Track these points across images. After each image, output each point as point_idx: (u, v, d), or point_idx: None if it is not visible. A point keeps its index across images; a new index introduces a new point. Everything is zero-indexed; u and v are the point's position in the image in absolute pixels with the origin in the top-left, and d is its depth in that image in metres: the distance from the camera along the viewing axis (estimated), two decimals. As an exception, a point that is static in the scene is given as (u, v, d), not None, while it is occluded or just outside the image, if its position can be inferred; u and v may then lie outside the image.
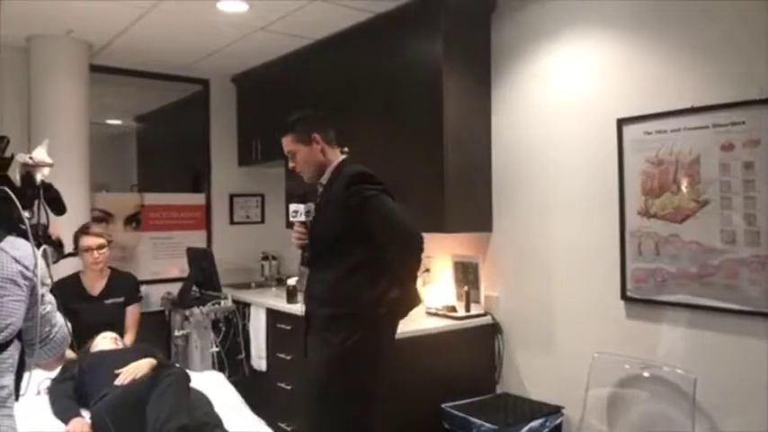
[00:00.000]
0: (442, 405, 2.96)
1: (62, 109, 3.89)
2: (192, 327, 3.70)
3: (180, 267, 4.50)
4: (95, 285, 3.54)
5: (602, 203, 2.80)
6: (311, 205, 2.47)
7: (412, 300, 2.40)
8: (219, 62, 4.44)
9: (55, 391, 2.69)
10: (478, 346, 3.25)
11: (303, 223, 2.46)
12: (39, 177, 1.50)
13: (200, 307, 3.64)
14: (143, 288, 4.38)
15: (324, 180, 2.48)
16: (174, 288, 4.09)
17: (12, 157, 1.42)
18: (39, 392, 2.81)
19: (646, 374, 2.61)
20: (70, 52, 3.94)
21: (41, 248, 1.43)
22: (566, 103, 2.98)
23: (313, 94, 4.04)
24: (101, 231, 3.53)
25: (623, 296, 2.71)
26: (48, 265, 1.48)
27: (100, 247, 3.47)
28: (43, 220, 1.50)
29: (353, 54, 3.70)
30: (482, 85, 3.31)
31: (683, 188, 2.50)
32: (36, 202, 1.48)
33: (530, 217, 3.14)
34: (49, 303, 1.47)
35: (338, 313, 2.33)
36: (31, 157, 1.50)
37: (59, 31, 3.79)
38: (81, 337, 2.85)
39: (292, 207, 2.48)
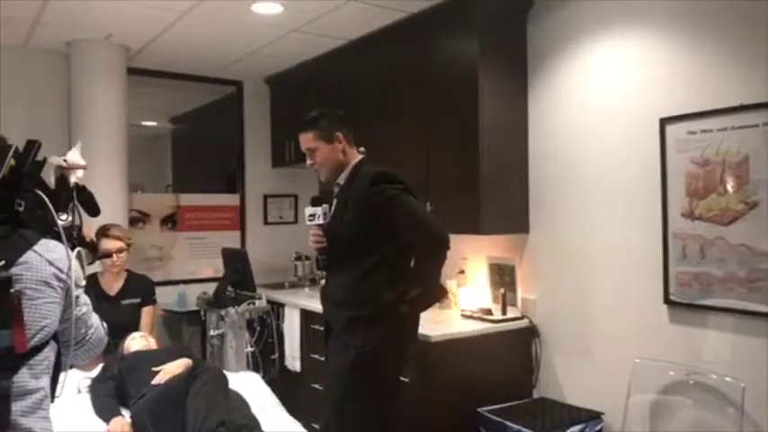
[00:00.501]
0: (479, 409, 2.92)
1: (101, 111, 3.96)
2: (228, 327, 3.72)
3: (215, 267, 4.55)
4: (113, 286, 3.59)
5: (644, 205, 2.73)
6: (326, 207, 2.44)
7: (435, 295, 2.39)
8: (253, 64, 4.48)
9: (96, 391, 2.74)
10: (515, 350, 3.20)
11: (320, 226, 2.42)
12: (73, 179, 1.51)
13: (236, 307, 3.66)
14: (178, 288, 4.46)
15: (341, 180, 2.45)
16: (210, 288, 4.12)
17: (44, 161, 1.42)
18: (80, 391, 2.86)
19: (691, 381, 2.53)
20: (109, 56, 4.01)
21: (76, 250, 1.43)
22: (605, 103, 2.91)
23: (347, 95, 4.03)
24: (120, 234, 3.53)
25: (666, 300, 2.64)
26: (82, 267, 1.47)
27: (119, 250, 3.50)
28: (77, 222, 1.50)
29: (388, 54, 3.68)
30: (518, 85, 3.26)
31: (731, 189, 2.42)
32: (70, 204, 1.49)
33: (568, 218, 3.08)
34: (85, 305, 1.48)
35: (358, 315, 2.30)
36: (65, 160, 1.50)
37: (98, 36, 3.86)
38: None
39: (308, 211, 2.44)
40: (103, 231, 3.48)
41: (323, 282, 3.63)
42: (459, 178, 3.19)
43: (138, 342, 3.14)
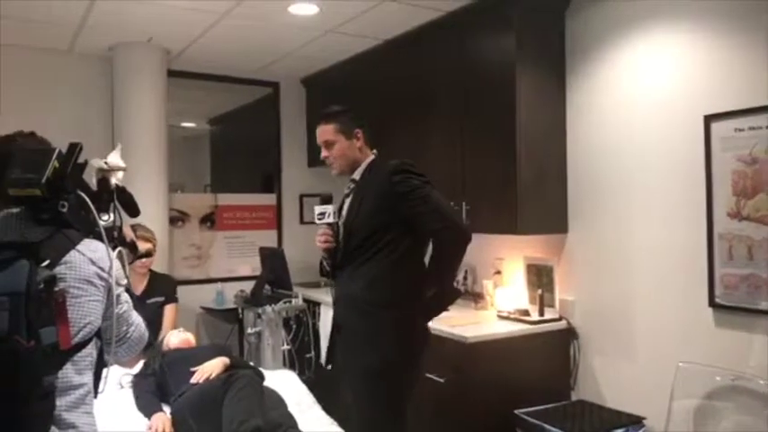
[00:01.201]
0: (516, 411, 2.88)
1: (143, 113, 4.06)
2: (265, 324, 3.77)
3: (252, 266, 4.61)
4: (138, 286, 3.64)
5: (687, 204, 2.65)
6: (335, 206, 2.41)
7: (450, 298, 2.35)
8: (289, 65, 4.52)
9: (138, 386, 2.80)
10: (553, 352, 3.15)
11: (330, 225, 2.38)
12: (113, 181, 1.54)
13: (272, 305, 3.70)
14: (216, 286, 4.54)
15: (357, 176, 2.41)
16: (247, 286, 4.18)
17: (85, 163, 1.45)
18: (122, 386, 2.93)
19: (737, 386, 2.45)
20: (150, 59, 4.10)
21: (117, 250, 1.47)
22: (646, 100, 2.84)
23: (382, 95, 4.04)
24: (148, 235, 3.52)
25: (711, 303, 2.56)
26: (123, 267, 1.51)
27: (148, 253, 3.54)
28: (118, 223, 1.54)
29: (423, 54, 3.67)
30: (556, 83, 3.21)
31: (781, 188, 2.33)
32: (111, 205, 1.53)
33: (608, 218, 3.02)
34: (125, 303, 1.51)
35: (379, 315, 2.23)
36: (105, 162, 1.54)
37: (140, 39, 3.94)
38: None
39: (318, 209, 2.39)
40: (133, 232, 3.52)
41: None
42: (496, 177, 3.16)
43: (178, 339, 3.20)
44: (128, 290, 1.53)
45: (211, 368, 2.73)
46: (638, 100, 2.88)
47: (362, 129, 2.43)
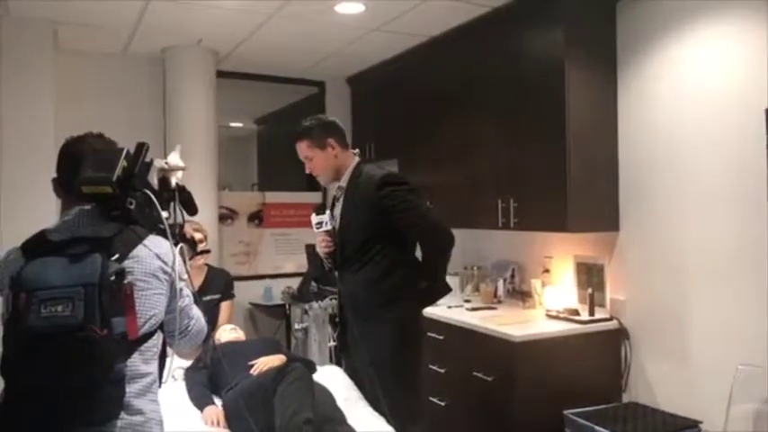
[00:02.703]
0: (565, 411, 2.83)
1: (193, 114, 4.16)
2: (311, 321, 3.81)
3: (298, 263, 4.67)
4: (195, 282, 3.63)
5: (746, 200, 2.56)
6: (329, 213, 2.56)
7: (441, 291, 2.50)
8: (335, 64, 4.55)
9: (191, 379, 2.87)
10: (603, 352, 3.09)
11: (328, 231, 2.53)
12: (174, 180, 1.60)
13: (319, 302, 3.74)
14: (264, 282, 4.62)
15: (343, 182, 2.54)
16: (294, 282, 4.24)
17: (151, 162, 1.51)
18: (175, 379, 3.01)
19: (801, 391, 2.35)
20: (200, 60, 4.20)
21: (179, 246, 1.52)
22: (702, 94, 2.74)
23: (428, 92, 4.03)
24: (200, 228, 3.50)
25: (773, 303, 2.46)
26: (185, 262, 1.56)
27: (205, 249, 3.57)
28: (179, 221, 1.59)
29: (470, 50, 3.64)
30: (607, 77, 3.13)
31: None
32: (172, 204, 1.58)
33: (662, 215, 2.93)
34: (187, 297, 1.57)
35: (381, 314, 2.41)
36: (166, 162, 1.60)
37: (191, 42, 4.04)
38: None
39: (315, 219, 2.55)
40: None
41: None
42: (544, 174, 3.11)
43: (228, 334, 3.27)
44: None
45: (271, 362, 2.77)
46: (692, 93, 2.79)
47: (334, 137, 2.53)
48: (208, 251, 3.48)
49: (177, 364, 3.05)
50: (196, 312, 1.61)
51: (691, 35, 2.79)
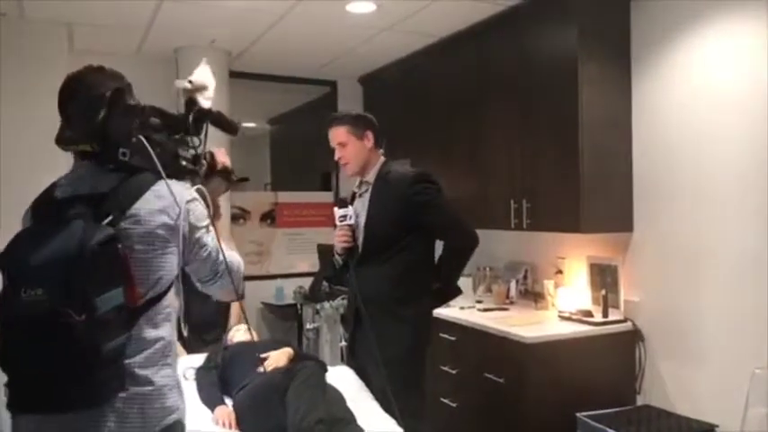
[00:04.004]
0: (578, 414, 2.81)
1: (206, 114, 4.16)
2: (323, 320, 3.81)
3: (310, 262, 4.68)
4: None
5: (762, 201, 2.52)
6: (351, 208, 2.57)
7: (453, 293, 2.58)
8: (347, 64, 4.54)
9: (202, 379, 2.87)
10: (617, 354, 3.05)
11: (350, 225, 2.54)
12: (201, 101, 1.45)
13: (330, 302, 3.74)
14: (276, 282, 4.62)
15: (370, 178, 2.56)
16: (306, 282, 4.24)
17: (137, 105, 1.38)
18: (186, 378, 3.01)
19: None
20: (213, 60, 4.15)
21: (195, 187, 1.38)
22: (718, 93, 2.70)
23: (440, 91, 4.01)
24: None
25: (791, 306, 2.41)
26: (207, 204, 1.40)
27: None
28: (208, 149, 1.46)
29: (483, 49, 3.62)
30: (621, 75, 3.10)
31: None
32: (203, 127, 1.43)
33: (677, 215, 2.89)
34: (208, 244, 1.40)
35: (401, 310, 2.46)
36: (190, 81, 1.44)
37: (203, 42, 4.05)
38: (190, 330, 2.98)
39: (339, 212, 2.56)
40: None
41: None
42: (557, 174, 3.09)
43: (242, 334, 3.27)
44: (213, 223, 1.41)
45: (279, 355, 2.77)
46: (709, 92, 2.75)
47: (372, 131, 2.55)
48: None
49: (188, 364, 3.06)
50: (221, 256, 1.41)
51: (707, 32, 2.75)
